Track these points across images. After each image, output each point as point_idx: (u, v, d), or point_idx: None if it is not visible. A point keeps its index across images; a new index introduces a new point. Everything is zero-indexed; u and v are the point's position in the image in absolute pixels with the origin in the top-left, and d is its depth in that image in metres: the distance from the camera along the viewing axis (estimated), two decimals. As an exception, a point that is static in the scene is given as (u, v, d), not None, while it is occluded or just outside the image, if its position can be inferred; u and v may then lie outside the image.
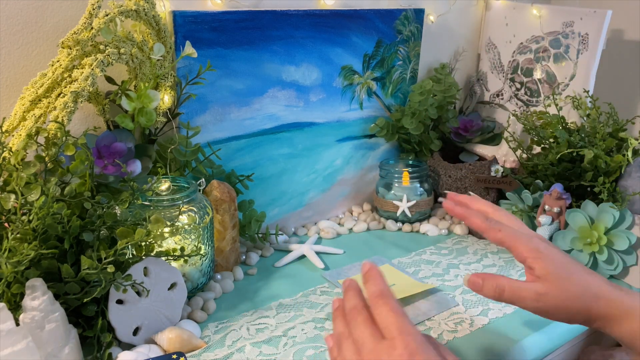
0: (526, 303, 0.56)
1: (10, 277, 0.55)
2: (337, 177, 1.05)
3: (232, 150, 0.90)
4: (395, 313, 0.47)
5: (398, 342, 0.45)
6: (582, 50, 1.02)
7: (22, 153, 0.63)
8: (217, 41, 0.82)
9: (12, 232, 0.57)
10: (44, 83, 0.68)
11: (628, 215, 0.81)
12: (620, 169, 0.85)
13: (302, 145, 0.98)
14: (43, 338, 0.55)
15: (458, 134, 1.12)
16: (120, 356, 0.61)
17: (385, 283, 0.51)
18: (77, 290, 0.59)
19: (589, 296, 0.55)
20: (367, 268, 0.52)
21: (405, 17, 1.03)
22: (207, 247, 0.75)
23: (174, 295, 0.67)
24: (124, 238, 0.61)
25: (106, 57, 0.68)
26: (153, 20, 0.72)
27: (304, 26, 0.90)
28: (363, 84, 1.02)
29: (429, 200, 1.03)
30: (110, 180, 0.68)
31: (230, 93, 0.87)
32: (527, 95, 1.12)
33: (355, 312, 0.50)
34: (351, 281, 0.54)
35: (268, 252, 0.91)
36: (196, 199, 0.74)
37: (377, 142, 1.09)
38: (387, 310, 0.47)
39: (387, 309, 0.47)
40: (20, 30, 0.72)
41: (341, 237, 0.99)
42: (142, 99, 0.74)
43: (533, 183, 0.93)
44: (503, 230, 0.58)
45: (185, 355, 0.61)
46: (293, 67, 0.92)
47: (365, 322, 0.48)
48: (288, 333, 0.69)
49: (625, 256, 0.81)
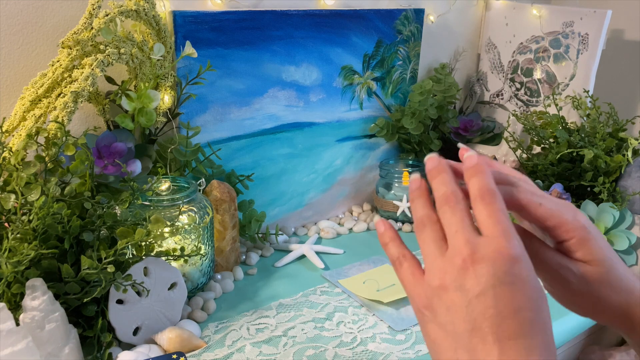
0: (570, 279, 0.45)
1: (10, 277, 0.55)
2: (337, 177, 1.05)
3: (232, 150, 0.90)
4: (504, 214, 0.39)
5: (503, 243, 0.37)
6: (582, 50, 1.02)
7: (22, 153, 0.63)
8: (217, 41, 0.82)
9: (12, 232, 0.57)
10: (44, 83, 0.68)
11: (628, 215, 0.81)
12: (620, 169, 0.85)
13: (302, 145, 0.98)
14: (43, 338, 0.55)
15: (458, 134, 1.12)
16: (120, 356, 0.61)
17: (494, 182, 0.41)
18: (77, 290, 0.59)
19: (625, 291, 0.46)
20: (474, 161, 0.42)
21: (405, 17, 1.03)
22: (207, 247, 0.75)
23: (174, 295, 0.67)
24: (124, 238, 0.61)
25: (106, 57, 0.68)
26: (153, 20, 0.72)
27: (304, 26, 0.90)
28: (363, 84, 1.02)
29: (429, 200, 1.03)
30: (110, 180, 0.68)
31: (230, 93, 0.87)
32: (527, 95, 1.12)
33: (451, 198, 0.40)
34: (440, 160, 0.43)
35: (268, 252, 0.91)
36: (196, 199, 0.74)
37: (377, 142, 1.09)
38: (495, 209, 0.39)
39: (495, 208, 0.39)
40: (20, 30, 0.72)
41: (341, 237, 0.99)
42: (142, 99, 0.74)
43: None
44: (545, 203, 0.44)
45: (185, 355, 0.61)
46: (293, 67, 0.92)
47: (463, 211, 0.39)
48: (288, 333, 0.69)
49: (625, 256, 0.81)
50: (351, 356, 0.65)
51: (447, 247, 0.40)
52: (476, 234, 0.39)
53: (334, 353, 0.65)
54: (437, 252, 0.40)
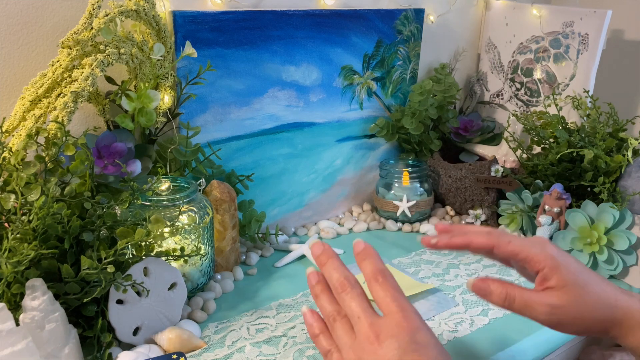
0: (538, 315, 0.51)
1: (10, 277, 0.55)
2: (337, 177, 1.05)
3: (232, 150, 0.90)
4: (397, 291, 0.44)
5: (400, 318, 0.42)
6: (582, 50, 1.02)
7: (22, 153, 0.63)
8: (217, 41, 0.82)
9: (12, 232, 0.57)
10: (44, 83, 0.68)
11: (628, 215, 0.81)
12: (620, 169, 0.85)
13: (302, 145, 0.98)
14: (43, 338, 0.55)
15: (458, 134, 1.12)
16: (120, 356, 0.61)
17: (382, 262, 0.47)
18: (77, 290, 0.59)
19: (605, 306, 0.51)
20: (361, 246, 0.48)
21: (405, 17, 1.03)
22: (207, 247, 0.75)
23: (174, 295, 0.67)
24: (124, 238, 0.61)
25: (106, 57, 0.68)
26: (153, 20, 0.72)
27: (304, 26, 0.90)
28: (363, 84, 1.02)
29: (429, 200, 1.03)
30: (110, 180, 0.68)
31: (230, 93, 0.87)
32: (527, 95, 1.12)
33: (346, 284, 0.46)
34: (324, 246, 0.49)
35: (268, 252, 0.91)
36: (196, 199, 0.74)
37: (377, 142, 1.09)
38: (388, 287, 0.44)
39: (388, 286, 0.44)
40: (20, 30, 0.72)
41: (341, 237, 0.99)
42: (142, 99, 0.74)
43: (533, 183, 0.93)
44: (513, 241, 0.53)
45: (185, 355, 0.61)
46: (293, 67, 0.92)
47: (360, 295, 0.44)
48: (288, 333, 0.69)
49: (625, 256, 0.81)
50: (351, 356, 0.65)
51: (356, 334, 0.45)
52: (376, 316, 0.44)
53: (334, 353, 0.65)
54: (350, 342, 0.45)
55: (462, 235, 0.54)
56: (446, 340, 0.68)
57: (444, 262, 0.89)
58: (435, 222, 1.02)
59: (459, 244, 0.54)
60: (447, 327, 0.71)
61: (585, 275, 0.52)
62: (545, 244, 0.53)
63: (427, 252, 0.92)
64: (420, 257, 0.91)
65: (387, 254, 0.92)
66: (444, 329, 0.70)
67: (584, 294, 0.50)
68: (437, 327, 0.71)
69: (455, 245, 0.54)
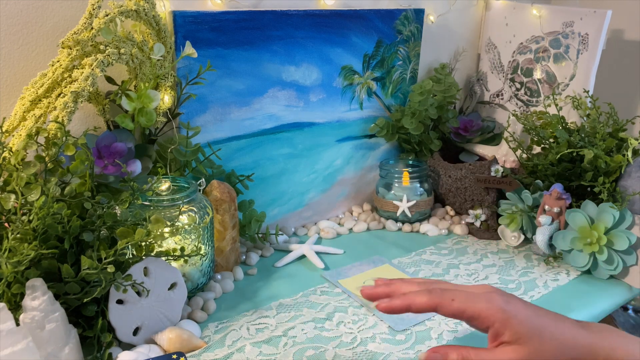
0: None
1: (10, 277, 0.55)
2: (337, 177, 1.05)
3: (232, 150, 0.90)
4: None
5: None
6: (582, 50, 1.02)
7: (22, 153, 0.63)
8: (217, 41, 0.82)
9: (12, 232, 0.57)
10: (44, 83, 0.68)
11: (628, 215, 0.81)
12: (620, 169, 0.85)
13: (302, 145, 0.98)
14: (43, 338, 0.55)
15: (458, 134, 1.12)
16: (120, 356, 0.61)
17: None
18: (77, 290, 0.59)
19: (567, 348, 0.49)
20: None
21: (405, 17, 1.03)
22: (207, 247, 0.75)
23: (174, 295, 0.67)
24: (124, 238, 0.61)
25: (106, 57, 0.68)
26: (153, 20, 0.72)
27: (304, 26, 0.90)
28: (363, 84, 1.02)
29: (429, 200, 1.03)
30: (110, 180, 0.68)
31: (230, 93, 0.87)
32: (527, 95, 1.12)
33: None
34: None
35: (268, 252, 0.91)
36: (196, 199, 0.74)
37: (377, 142, 1.09)
38: None
39: None
40: (20, 30, 0.72)
41: (341, 237, 0.99)
42: (142, 99, 0.74)
43: (533, 183, 0.93)
44: (457, 298, 0.49)
45: (185, 355, 0.61)
46: (293, 67, 0.92)
47: None
48: (288, 333, 0.69)
49: (625, 256, 0.81)
50: (351, 356, 0.65)
51: None
52: None
53: (334, 353, 0.65)
54: None
55: (402, 298, 0.51)
56: (446, 340, 0.68)
57: (444, 262, 0.89)
58: (434, 222, 1.03)
59: (399, 307, 0.51)
60: (447, 327, 0.71)
61: (538, 320, 0.49)
62: (491, 296, 0.50)
63: (427, 252, 0.92)
64: (421, 257, 0.91)
65: (387, 254, 0.92)
66: (444, 329, 0.70)
67: (541, 342, 0.48)
68: (437, 327, 0.71)
69: (396, 310, 0.51)
